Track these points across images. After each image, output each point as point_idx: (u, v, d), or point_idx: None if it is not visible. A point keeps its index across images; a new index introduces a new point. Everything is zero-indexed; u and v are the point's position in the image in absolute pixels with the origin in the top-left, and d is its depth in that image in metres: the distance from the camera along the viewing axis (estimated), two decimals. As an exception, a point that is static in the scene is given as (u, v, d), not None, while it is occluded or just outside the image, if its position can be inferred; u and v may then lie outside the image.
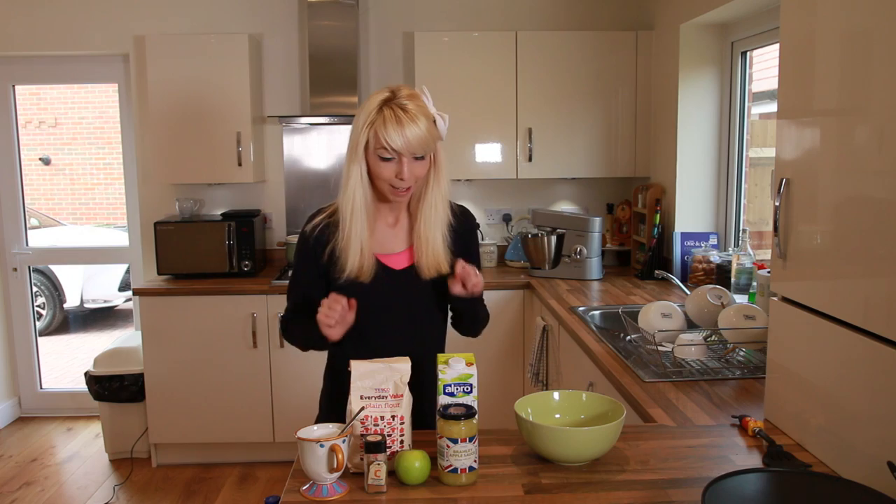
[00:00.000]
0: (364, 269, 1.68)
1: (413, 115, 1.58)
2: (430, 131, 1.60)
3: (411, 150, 1.59)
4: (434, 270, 1.71)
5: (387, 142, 1.57)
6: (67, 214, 6.69)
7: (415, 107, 1.59)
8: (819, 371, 1.47)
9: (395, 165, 1.61)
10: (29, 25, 4.04)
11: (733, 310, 2.18)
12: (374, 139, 1.59)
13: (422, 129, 1.58)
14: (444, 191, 1.71)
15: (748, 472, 1.26)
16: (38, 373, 4.49)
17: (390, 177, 1.62)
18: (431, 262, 1.71)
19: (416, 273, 1.73)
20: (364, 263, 1.68)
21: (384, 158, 1.61)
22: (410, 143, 1.57)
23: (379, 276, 1.71)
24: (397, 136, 1.56)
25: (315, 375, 3.63)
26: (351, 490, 1.35)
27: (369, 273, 1.69)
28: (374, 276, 1.70)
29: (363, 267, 1.68)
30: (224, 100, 3.80)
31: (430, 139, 1.60)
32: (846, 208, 1.37)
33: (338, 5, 3.86)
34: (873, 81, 1.28)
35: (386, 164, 1.61)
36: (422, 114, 1.59)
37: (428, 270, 1.71)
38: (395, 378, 1.45)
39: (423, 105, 1.62)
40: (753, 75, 3.45)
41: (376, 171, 1.63)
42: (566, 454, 1.41)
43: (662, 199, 3.73)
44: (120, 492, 3.54)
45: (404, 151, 1.58)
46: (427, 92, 1.66)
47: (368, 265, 1.68)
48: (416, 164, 1.62)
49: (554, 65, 3.85)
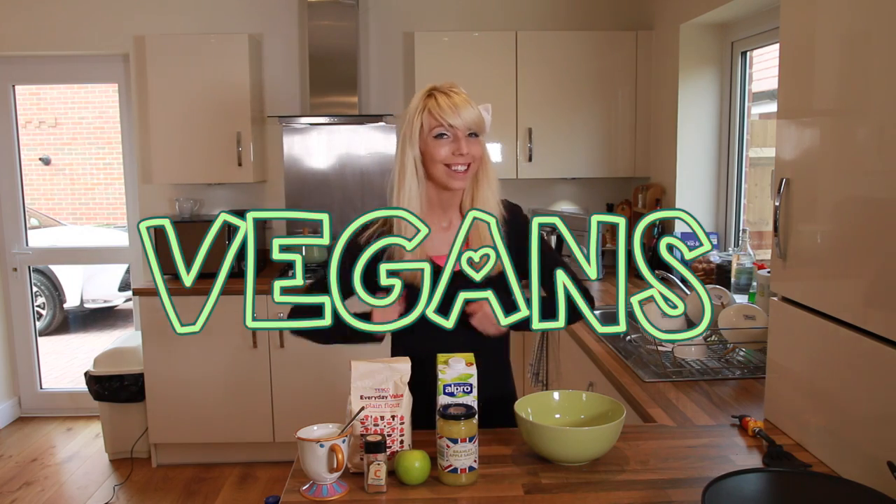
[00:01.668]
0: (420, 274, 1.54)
1: (464, 97, 1.64)
2: (480, 113, 1.65)
3: (466, 125, 1.61)
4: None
5: (441, 117, 1.60)
6: (67, 214, 6.68)
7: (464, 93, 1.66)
8: (819, 371, 1.47)
9: (452, 143, 1.62)
10: (29, 25, 4.04)
11: (733, 310, 2.18)
12: (429, 120, 1.62)
13: (474, 107, 1.63)
14: (493, 186, 1.71)
15: (748, 472, 1.26)
16: (38, 373, 4.49)
17: (447, 155, 1.62)
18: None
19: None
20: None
21: (439, 136, 1.62)
22: (464, 117, 1.61)
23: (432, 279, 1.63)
24: (451, 111, 1.60)
25: (315, 375, 3.65)
26: (351, 490, 1.35)
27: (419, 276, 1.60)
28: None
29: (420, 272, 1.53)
30: (224, 100, 3.80)
31: (480, 119, 1.65)
32: (846, 208, 1.37)
33: (338, 5, 3.86)
34: (873, 81, 1.28)
35: (442, 143, 1.62)
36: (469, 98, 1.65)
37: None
38: (395, 378, 1.45)
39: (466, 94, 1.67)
40: (753, 75, 3.44)
41: (433, 152, 1.63)
42: (566, 454, 1.41)
43: (662, 199, 3.73)
44: (120, 492, 3.54)
45: (460, 126, 1.61)
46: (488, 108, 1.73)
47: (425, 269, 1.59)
48: (472, 142, 1.64)
49: (554, 65, 3.85)
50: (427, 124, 1.62)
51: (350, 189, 4.13)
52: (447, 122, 1.60)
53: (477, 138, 1.65)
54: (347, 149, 4.17)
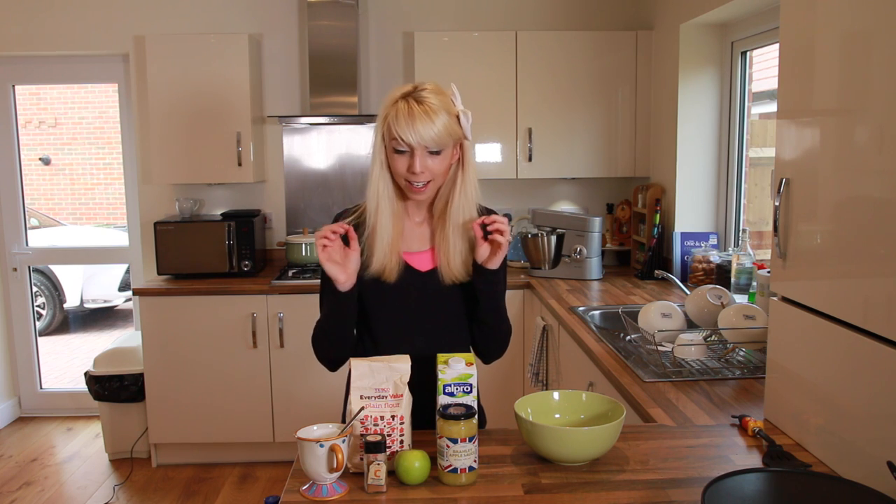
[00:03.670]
0: (389, 267, 1.64)
1: (428, 108, 1.55)
2: (447, 126, 1.56)
3: (422, 143, 1.55)
4: (455, 275, 1.66)
5: (397, 133, 1.55)
6: (67, 214, 6.69)
7: (435, 101, 1.56)
8: (819, 371, 1.47)
9: (408, 158, 1.58)
10: (29, 25, 4.04)
11: (733, 310, 2.18)
12: (388, 132, 1.58)
13: (435, 122, 1.54)
14: (470, 193, 1.67)
15: (748, 472, 1.26)
16: (38, 373, 4.49)
17: (403, 170, 1.59)
18: (453, 265, 1.66)
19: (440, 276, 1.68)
20: (389, 261, 1.64)
21: (397, 151, 1.59)
22: (421, 135, 1.54)
23: (402, 276, 1.67)
24: (407, 127, 1.54)
25: (315, 375, 3.64)
26: (351, 490, 1.35)
27: (394, 272, 1.65)
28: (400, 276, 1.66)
29: (388, 265, 1.64)
30: (224, 100, 3.80)
31: (444, 134, 1.56)
32: (846, 208, 1.37)
33: (338, 5, 3.86)
34: (873, 81, 1.28)
35: (399, 158, 1.59)
36: (441, 108, 1.56)
37: (449, 274, 1.66)
38: (394, 378, 1.45)
39: (445, 100, 1.59)
40: (753, 75, 3.45)
41: (392, 164, 1.61)
42: (566, 454, 1.41)
43: (662, 199, 3.73)
44: (120, 492, 3.54)
45: (415, 144, 1.55)
46: (456, 90, 1.63)
47: (393, 263, 1.65)
48: (430, 159, 1.58)
49: (554, 65, 3.85)
50: (387, 135, 1.59)
51: (350, 189, 4.14)
52: (401, 138, 1.55)
53: (438, 154, 1.58)
54: (347, 149, 4.17)
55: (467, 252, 1.68)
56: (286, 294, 3.60)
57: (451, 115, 1.58)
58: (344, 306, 1.66)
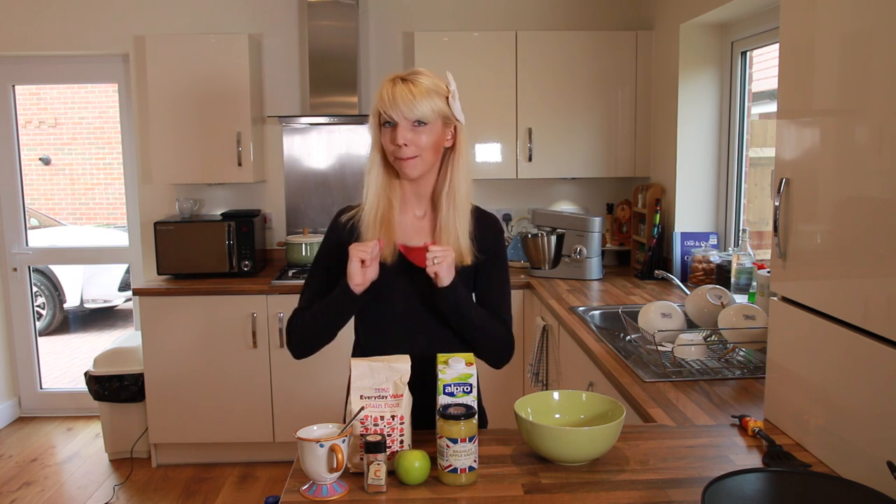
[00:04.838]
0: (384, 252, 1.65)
1: (412, 84, 1.60)
2: (430, 101, 1.60)
3: (403, 114, 1.58)
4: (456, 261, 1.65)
5: (381, 107, 1.60)
6: (67, 214, 6.69)
7: (424, 80, 1.61)
8: (819, 371, 1.47)
9: (393, 132, 1.61)
10: (29, 25, 4.04)
11: (733, 310, 2.18)
12: (377, 109, 1.63)
13: (416, 95, 1.58)
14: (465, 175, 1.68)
15: (748, 472, 1.26)
16: (38, 373, 4.49)
17: (388, 143, 1.63)
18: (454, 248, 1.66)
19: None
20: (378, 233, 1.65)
21: (384, 125, 1.63)
22: (399, 105, 1.58)
23: (404, 274, 1.68)
24: (390, 102, 1.59)
25: (315, 375, 3.64)
26: (351, 490, 1.35)
27: (389, 258, 1.66)
28: (395, 270, 1.67)
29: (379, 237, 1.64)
30: (224, 100, 3.80)
31: (426, 107, 1.59)
32: (846, 208, 1.37)
33: (338, 5, 3.86)
34: (873, 81, 1.28)
35: (386, 132, 1.63)
36: (429, 87, 1.60)
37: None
38: (394, 378, 1.45)
39: (435, 81, 1.63)
40: (753, 75, 3.45)
41: (382, 141, 1.65)
42: (566, 454, 1.41)
43: (662, 199, 3.73)
44: (120, 492, 3.54)
45: (395, 114, 1.59)
46: (451, 77, 1.67)
47: (388, 249, 1.65)
48: (414, 132, 1.60)
49: (554, 65, 3.85)
50: (376, 112, 1.64)
51: (350, 189, 4.14)
52: (384, 110, 1.60)
53: (424, 126, 1.61)
54: (347, 149, 4.17)
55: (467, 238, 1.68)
56: (286, 294, 3.60)
57: (438, 94, 1.62)
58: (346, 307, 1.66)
